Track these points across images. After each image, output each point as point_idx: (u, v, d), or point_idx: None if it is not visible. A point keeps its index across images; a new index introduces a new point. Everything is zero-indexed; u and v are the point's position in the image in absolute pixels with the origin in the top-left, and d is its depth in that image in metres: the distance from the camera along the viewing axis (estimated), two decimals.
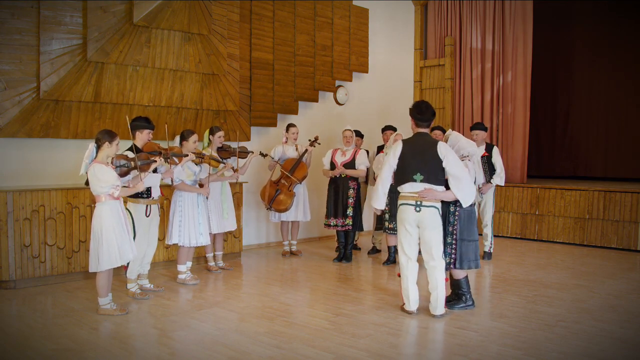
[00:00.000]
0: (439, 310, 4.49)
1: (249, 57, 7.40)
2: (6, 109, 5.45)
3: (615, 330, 4.22)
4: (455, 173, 4.37)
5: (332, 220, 6.65)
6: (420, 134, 4.58)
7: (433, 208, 4.42)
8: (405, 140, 4.62)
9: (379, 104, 9.37)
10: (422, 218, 4.41)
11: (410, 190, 4.46)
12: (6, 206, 5.22)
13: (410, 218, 4.45)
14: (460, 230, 4.63)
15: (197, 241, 5.55)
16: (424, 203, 4.39)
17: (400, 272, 4.60)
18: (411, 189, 4.45)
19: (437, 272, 4.45)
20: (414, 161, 4.44)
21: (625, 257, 7.09)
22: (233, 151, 6.18)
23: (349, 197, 6.61)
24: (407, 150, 4.50)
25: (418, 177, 4.41)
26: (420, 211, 4.40)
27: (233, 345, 3.87)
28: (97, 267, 4.43)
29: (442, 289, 4.49)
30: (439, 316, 4.48)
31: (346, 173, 6.59)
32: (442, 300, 4.50)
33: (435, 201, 4.43)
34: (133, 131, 4.93)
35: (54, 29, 5.63)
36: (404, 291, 4.58)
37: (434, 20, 9.89)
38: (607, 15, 9.82)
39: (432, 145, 4.44)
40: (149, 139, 4.99)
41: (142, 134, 4.94)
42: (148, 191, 4.97)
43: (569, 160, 10.53)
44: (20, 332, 4.13)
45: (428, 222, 4.41)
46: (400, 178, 4.52)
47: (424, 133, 4.58)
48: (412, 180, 4.44)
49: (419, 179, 4.41)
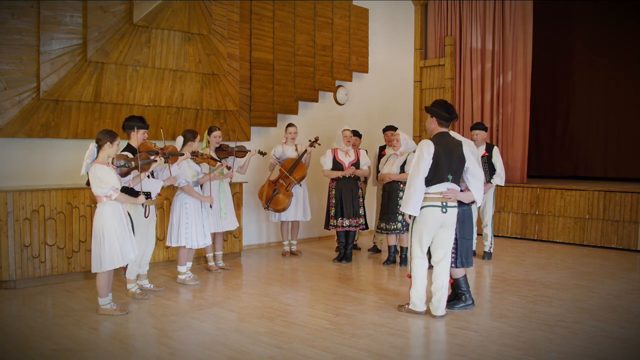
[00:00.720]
0: (440, 311, 4.49)
1: (249, 57, 7.40)
2: (6, 109, 5.45)
3: (615, 330, 4.22)
4: (477, 173, 4.43)
5: (345, 221, 6.61)
6: (443, 134, 4.47)
7: (456, 209, 4.45)
8: (434, 140, 4.40)
9: (379, 104, 9.36)
10: (446, 219, 4.39)
11: (437, 191, 4.37)
12: (6, 206, 5.22)
13: (438, 220, 4.38)
14: (461, 229, 4.65)
15: (204, 242, 5.55)
16: (448, 204, 4.38)
17: (414, 273, 4.53)
18: (439, 189, 4.37)
19: (445, 273, 4.48)
20: (447, 161, 4.36)
21: (625, 257, 7.09)
22: (231, 150, 6.18)
23: (359, 197, 6.65)
24: (439, 149, 4.33)
25: (450, 177, 4.37)
26: (446, 212, 4.38)
27: (233, 345, 3.87)
28: (99, 268, 4.43)
29: (446, 290, 4.50)
30: (440, 317, 4.48)
31: (356, 173, 6.60)
32: (445, 302, 4.50)
33: (454, 201, 4.43)
34: (127, 131, 4.90)
35: (54, 29, 5.63)
36: (419, 292, 4.54)
37: (434, 20, 9.89)
38: (607, 15, 9.82)
39: (458, 145, 4.43)
40: (143, 139, 4.97)
41: (137, 134, 4.90)
42: (146, 192, 4.96)
43: (569, 160, 10.53)
44: (20, 332, 4.13)
45: (450, 223, 4.42)
46: (431, 179, 4.37)
47: (446, 132, 4.49)
48: (445, 181, 4.36)
49: (450, 179, 4.38)
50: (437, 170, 4.34)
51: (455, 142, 4.45)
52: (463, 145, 4.44)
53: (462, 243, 4.66)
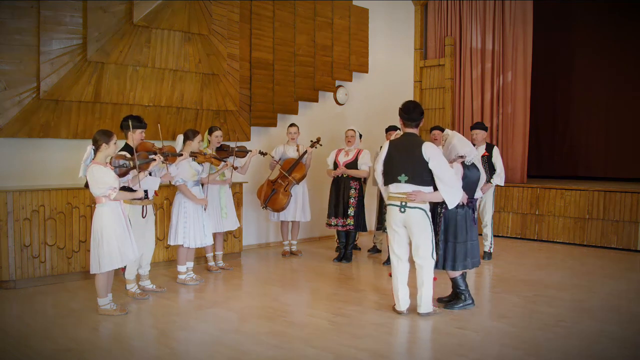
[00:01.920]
0: (423, 308, 4.49)
1: (249, 57, 7.40)
2: (6, 109, 5.44)
3: (615, 330, 4.22)
4: (439, 175, 4.35)
5: (332, 220, 6.66)
6: (407, 134, 4.55)
7: (418, 209, 4.41)
8: (392, 141, 4.63)
9: (379, 104, 9.36)
10: (407, 219, 4.42)
11: (395, 191, 4.47)
12: (6, 206, 5.23)
13: (397, 218, 4.47)
14: (451, 231, 4.63)
15: (202, 242, 5.55)
16: (409, 204, 4.39)
17: (392, 272, 4.61)
18: (396, 189, 4.46)
19: (424, 270, 4.46)
20: (400, 162, 4.44)
21: (625, 257, 7.09)
22: (231, 150, 6.18)
23: (350, 197, 6.60)
24: (393, 150, 4.50)
25: (402, 178, 4.40)
26: (404, 212, 4.41)
27: (233, 345, 3.87)
28: (98, 269, 4.42)
29: (429, 287, 4.49)
30: (424, 314, 4.48)
31: (347, 173, 6.59)
32: (428, 299, 4.50)
33: (422, 202, 4.41)
34: (125, 131, 4.88)
35: (54, 29, 5.63)
36: (395, 291, 4.60)
37: (434, 20, 9.89)
38: (607, 15, 9.81)
39: (417, 145, 4.41)
40: (141, 138, 4.96)
41: (135, 134, 4.88)
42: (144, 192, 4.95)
43: (569, 160, 10.52)
44: (20, 332, 4.13)
45: (413, 223, 4.41)
46: (386, 179, 4.53)
47: (411, 133, 4.54)
48: (397, 181, 4.43)
49: (403, 180, 4.40)
50: (390, 170, 4.49)
51: (415, 143, 4.44)
52: (424, 146, 4.39)
53: (450, 246, 4.63)
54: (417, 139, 4.51)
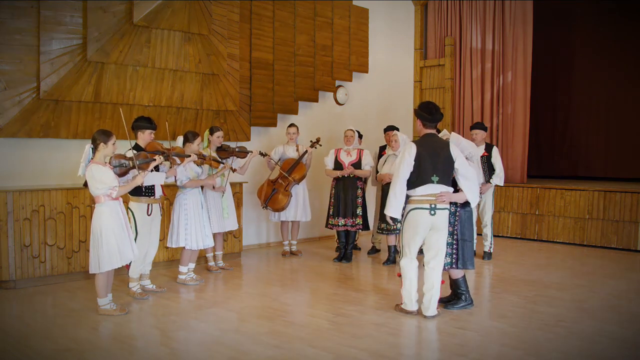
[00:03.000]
0: (431, 312, 4.48)
1: (249, 57, 7.40)
2: (6, 109, 5.45)
3: (615, 330, 4.22)
4: (467, 174, 4.40)
5: (340, 220, 6.64)
6: (429, 135, 4.52)
7: (446, 210, 4.44)
8: (417, 142, 4.48)
9: (379, 104, 9.36)
10: (436, 221, 4.40)
11: (424, 193, 4.38)
12: (6, 206, 5.23)
13: (426, 222, 4.40)
14: (462, 230, 4.64)
15: (204, 243, 5.54)
16: (438, 206, 4.37)
17: (404, 273, 4.56)
18: (426, 191, 4.38)
19: (435, 273, 4.45)
20: (431, 162, 4.37)
21: (625, 257, 7.09)
22: (232, 151, 6.18)
23: (357, 197, 6.63)
24: (421, 151, 4.38)
25: (435, 179, 4.37)
26: (435, 214, 4.38)
27: (233, 345, 3.87)
28: (97, 269, 4.42)
29: (438, 290, 4.48)
30: (430, 317, 4.47)
31: (355, 173, 6.60)
32: (436, 302, 4.49)
33: (447, 203, 4.42)
34: (135, 131, 4.94)
35: (54, 29, 5.63)
36: (407, 291, 4.56)
37: (434, 20, 9.89)
38: (607, 15, 9.81)
39: (444, 146, 4.43)
40: (151, 139, 4.99)
41: (144, 134, 4.95)
42: (150, 190, 4.96)
43: (569, 160, 10.51)
44: (20, 332, 4.13)
45: (441, 225, 4.41)
46: (414, 181, 4.40)
47: (432, 134, 4.53)
48: (429, 182, 4.37)
49: (435, 181, 4.37)
50: (420, 172, 4.37)
51: (441, 143, 4.46)
52: (451, 146, 4.43)
53: (463, 244, 4.65)
54: (440, 139, 4.52)
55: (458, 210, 4.63)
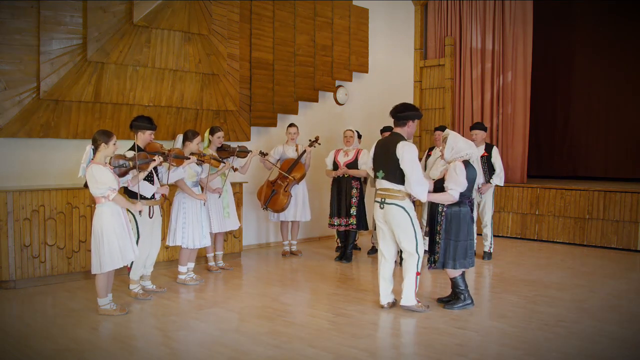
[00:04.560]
0: (403, 301, 4.62)
1: (249, 57, 7.40)
2: (6, 109, 5.44)
3: (615, 330, 4.22)
4: (409, 176, 4.47)
5: (335, 220, 6.67)
6: (393, 134, 4.78)
7: (395, 205, 4.55)
8: (379, 140, 4.95)
9: (379, 104, 9.34)
10: (386, 214, 4.60)
11: (377, 187, 4.72)
12: (6, 206, 5.23)
13: (378, 214, 4.68)
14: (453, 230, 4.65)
15: (201, 243, 5.55)
16: (386, 200, 4.57)
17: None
18: (378, 185, 4.71)
19: (407, 263, 4.62)
20: (380, 159, 4.69)
21: (625, 257, 7.10)
22: (232, 150, 6.18)
23: (352, 197, 6.62)
24: (377, 148, 4.81)
25: (380, 174, 4.64)
26: (383, 208, 4.60)
27: (233, 345, 3.87)
28: (99, 269, 4.42)
29: (410, 280, 4.59)
30: (404, 307, 4.59)
31: (349, 173, 6.60)
32: (408, 292, 4.61)
33: (401, 199, 4.52)
34: (135, 131, 4.93)
35: (54, 29, 5.63)
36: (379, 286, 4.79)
37: (434, 20, 9.89)
38: (607, 15, 9.81)
39: (394, 144, 4.56)
40: (150, 140, 4.98)
41: (144, 135, 4.93)
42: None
43: (569, 160, 10.51)
44: (20, 332, 4.13)
45: (392, 219, 4.57)
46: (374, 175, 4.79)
47: (396, 133, 4.72)
48: (377, 178, 4.69)
49: (380, 176, 4.63)
50: (374, 167, 4.80)
51: (393, 142, 4.60)
52: (398, 144, 4.53)
53: (451, 245, 4.64)
54: (397, 138, 4.64)
55: (444, 210, 4.65)
